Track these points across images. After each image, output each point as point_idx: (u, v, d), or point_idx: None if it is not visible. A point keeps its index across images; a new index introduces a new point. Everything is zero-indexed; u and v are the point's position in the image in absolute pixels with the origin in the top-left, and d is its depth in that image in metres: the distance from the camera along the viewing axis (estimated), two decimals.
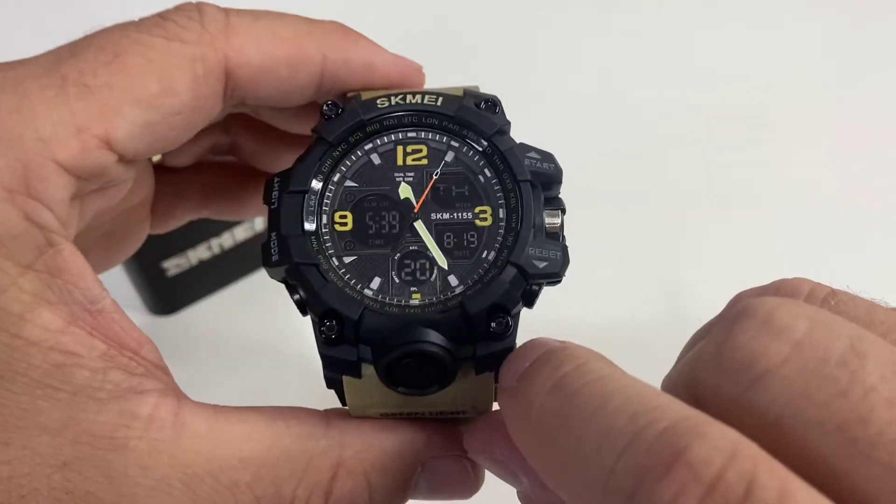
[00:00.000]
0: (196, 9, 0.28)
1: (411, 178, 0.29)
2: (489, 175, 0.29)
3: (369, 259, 0.28)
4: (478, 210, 0.28)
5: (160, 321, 0.59)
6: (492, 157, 0.29)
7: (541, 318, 0.28)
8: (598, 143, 0.67)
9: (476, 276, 0.27)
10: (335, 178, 0.29)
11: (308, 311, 0.27)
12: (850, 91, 0.71)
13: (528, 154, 0.28)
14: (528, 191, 0.28)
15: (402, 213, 0.28)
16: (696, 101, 0.70)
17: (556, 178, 0.28)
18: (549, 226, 0.28)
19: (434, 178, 0.29)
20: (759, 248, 0.60)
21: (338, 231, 0.28)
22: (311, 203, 0.28)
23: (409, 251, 0.28)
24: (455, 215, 0.28)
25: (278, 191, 0.28)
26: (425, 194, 0.28)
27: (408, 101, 0.29)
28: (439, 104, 0.29)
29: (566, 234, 0.28)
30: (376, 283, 0.27)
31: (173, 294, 0.58)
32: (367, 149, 0.29)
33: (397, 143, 0.29)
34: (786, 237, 0.61)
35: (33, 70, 0.26)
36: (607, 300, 0.57)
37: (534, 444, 0.22)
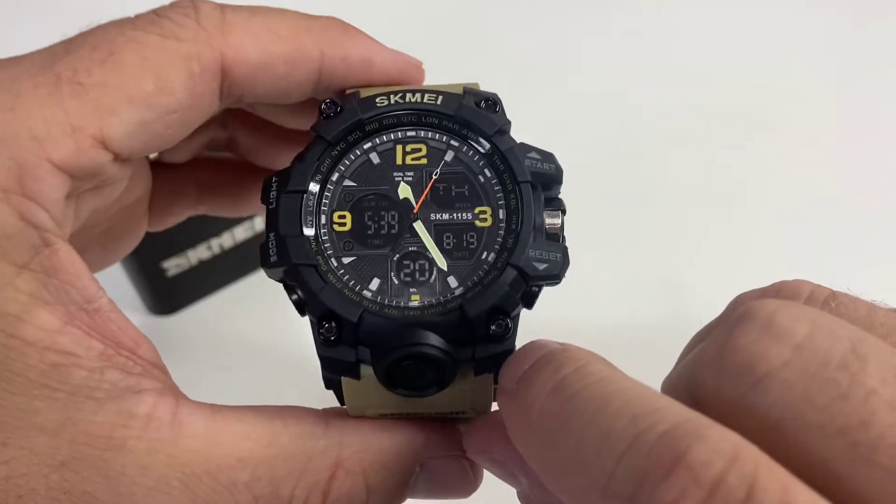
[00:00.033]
0: (192, 6, 0.28)
1: (410, 178, 0.28)
2: (489, 175, 0.28)
3: (368, 259, 0.27)
4: (478, 210, 0.28)
5: (160, 321, 0.58)
6: (492, 158, 0.28)
7: (540, 319, 0.28)
8: (597, 142, 0.67)
9: (476, 277, 0.27)
10: (334, 178, 0.28)
11: (306, 312, 0.27)
12: (850, 91, 0.71)
13: (529, 154, 0.28)
14: (529, 192, 0.27)
15: (401, 213, 0.28)
16: (695, 101, 0.70)
17: (556, 178, 0.28)
18: (550, 227, 0.27)
19: (433, 177, 0.28)
20: (759, 248, 0.60)
21: (336, 231, 0.28)
22: (310, 203, 0.28)
23: (409, 252, 0.27)
24: (455, 216, 0.28)
25: (276, 190, 0.28)
26: (425, 194, 0.28)
27: (407, 99, 0.29)
28: (439, 103, 0.29)
29: (566, 234, 0.28)
30: (375, 284, 0.27)
31: (173, 294, 0.58)
32: (365, 148, 0.29)
33: (396, 142, 0.29)
34: (786, 237, 0.61)
35: (27, 68, 0.26)
36: (607, 300, 0.57)
37: (533, 446, 0.22)
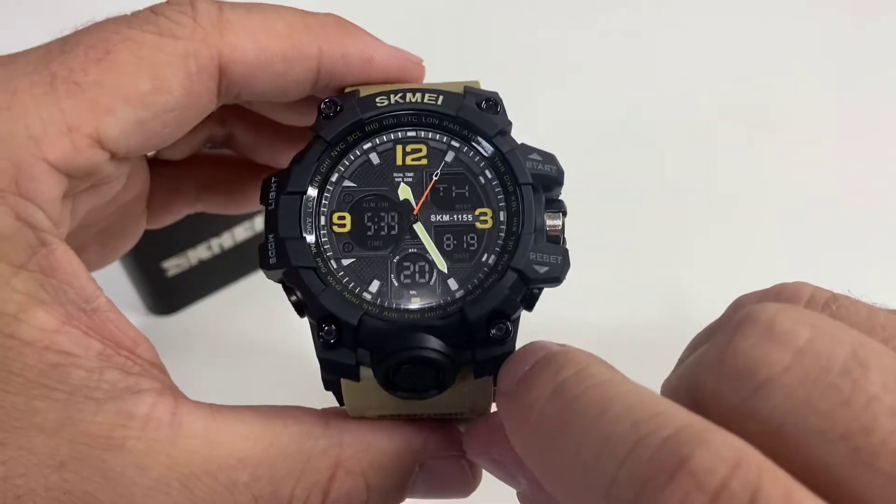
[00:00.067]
0: (189, 3, 0.28)
1: (411, 179, 0.28)
2: (490, 177, 0.28)
3: (368, 261, 0.27)
4: (478, 212, 0.28)
5: (160, 321, 0.58)
6: (493, 159, 0.28)
7: (540, 319, 0.28)
8: (597, 142, 0.67)
9: (476, 280, 0.27)
10: (333, 179, 0.28)
11: (306, 314, 0.27)
12: (850, 91, 0.71)
13: (530, 156, 0.28)
14: (530, 194, 0.27)
15: (401, 214, 0.28)
16: (695, 101, 0.70)
17: (557, 179, 0.28)
18: (551, 229, 0.27)
19: (434, 179, 0.28)
20: (758, 248, 0.60)
21: (336, 233, 0.28)
22: (309, 205, 0.27)
23: (409, 253, 0.27)
24: (455, 217, 0.28)
25: (275, 191, 0.28)
26: (425, 196, 0.28)
27: (407, 99, 0.29)
28: (440, 103, 0.29)
29: (566, 235, 0.28)
30: (375, 286, 0.27)
31: (173, 294, 0.58)
32: (365, 148, 0.29)
33: (396, 142, 0.29)
34: (786, 237, 0.61)
35: (23, 67, 0.26)
36: (606, 300, 0.57)
37: (532, 449, 0.22)
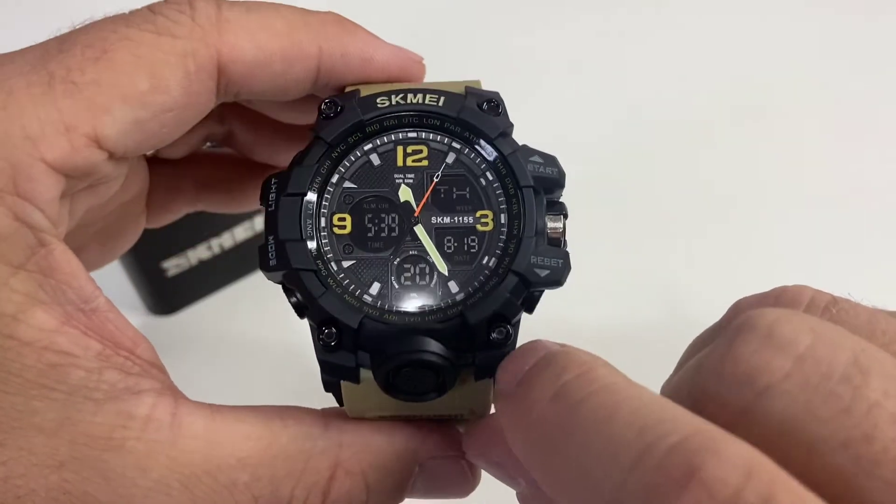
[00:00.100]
0: (187, 2, 0.28)
1: (411, 180, 0.28)
2: (491, 178, 0.28)
3: (368, 263, 0.27)
4: (479, 214, 0.28)
5: (160, 321, 0.58)
6: (494, 162, 0.28)
7: (539, 319, 0.28)
8: (597, 143, 0.67)
9: (477, 283, 0.27)
10: (334, 180, 0.28)
11: (306, 316, 0.27)
12: (849, 91, 0.70)
13: (531, 158, 0.28)
14: (531, 196, 0.27)
15: (401, 215, 0.28)
16: (695, 101, 0.70)
17: (559, 182, 0.28)
18: (552, 231, 0.27)
19: (435, 180, 0.28)
20: (758, 248, 0.60)
21: (336, 234, 0.27)
22: (310, 207, 0.27)
23: (409, 256, 0.27)
24: (456, 219, 0.28)
25: (275, 193, 0.27)
26: (426, 197, 0.28)
27: (409, 100, 0.29)
28: (441, 104, 0.29)
29: (567, 237, 0.27)
30: (375, 288, 0.27)
31: (173, 294, 0.58)
32: (366, 149, 0.29)
33: (397, 143, 0.29)
34: (785, 237, 0.61)
35: (20, 66, 0.26)
36: (606, 301, 0.57)
37: (533, 453, 0.21)
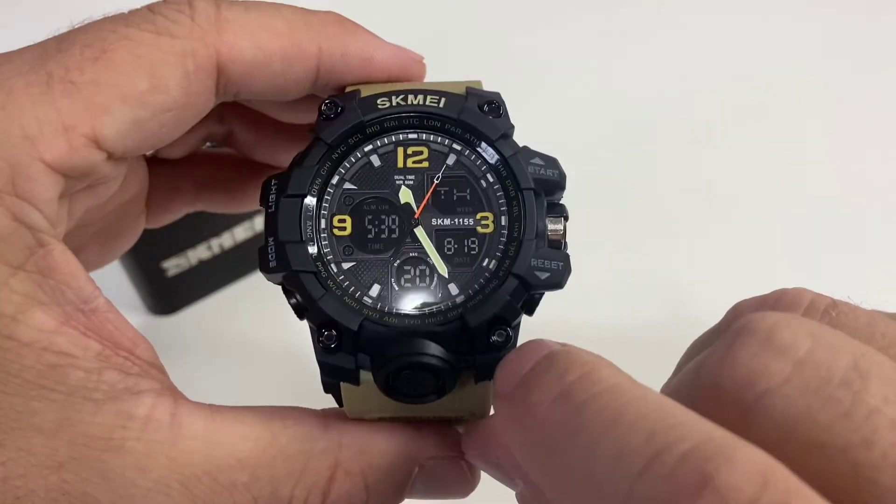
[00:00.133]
0: (186, 2, 0.27)
1: (412, 182, 0.28)
2: (491, 180, 0.28)
3: (368, 265, 0.27)
4: (479, 216, 0.28)
5: (160, 321, 0.58)
6: (495, 163, 0.28)
7: (539, 319, 0.28)
8: (598, 142, 0.67)
9: (477, 285, 0.27)
10: (334, 181, 0.28)
11: (306, 318, 0.27)
12: (850, 91, 0.70)
13: (532, 160, 0.28)
14: (532, 199, 0.27)
15: (401, 217, 0.28)
16: (696, 101, 0.70)
17: (559, 184, 0.28)
18: (552, 233, 0.27)
19: (435, 182, 0.28)
20: (758, 249, 0.60)
21: (336, 236, 0.27)
22: (310, 208, 0.27)
23: (409, 257, 0.27)
24: (456, 221, 0.27)
25: (275, 194, 0.27)
26: (426, 199, 0.28)
27: (409, 101, 0.28)
28: (442, 105, 0.28)
29: (567, 239, 0.27)
30: (375, 290, 0.27)
31: (173, 294, 0.58)
32: (366, 150, 0.28)
33: (398, 144, 0.29)
34: (786, 237, 0.61)
35: (19, 66, 0.26)
36: (606, 301, 0.57)
37: (535, 456, 0.21)
